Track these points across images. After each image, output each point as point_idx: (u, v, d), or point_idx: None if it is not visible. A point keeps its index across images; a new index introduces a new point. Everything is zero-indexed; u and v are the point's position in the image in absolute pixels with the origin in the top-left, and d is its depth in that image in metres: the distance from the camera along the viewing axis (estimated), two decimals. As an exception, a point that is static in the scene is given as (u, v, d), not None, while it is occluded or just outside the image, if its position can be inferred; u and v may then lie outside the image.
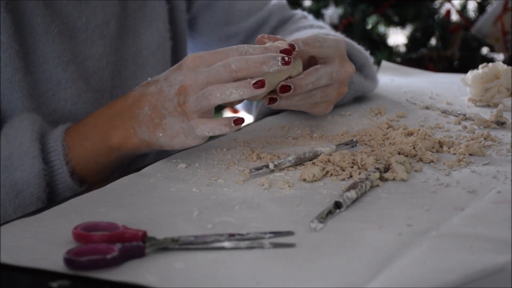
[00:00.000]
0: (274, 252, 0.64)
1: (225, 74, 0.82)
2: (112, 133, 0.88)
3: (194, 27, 1.25)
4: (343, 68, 0.93)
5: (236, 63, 0.82)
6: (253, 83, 0.81)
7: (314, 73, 0.90)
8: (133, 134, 0.87)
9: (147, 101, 0.86)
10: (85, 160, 0.89)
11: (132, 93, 0.88)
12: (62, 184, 0.88)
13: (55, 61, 0.99)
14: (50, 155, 0.88)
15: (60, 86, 1.00)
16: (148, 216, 0.72)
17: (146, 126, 0.86)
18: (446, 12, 2.41)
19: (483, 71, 1.14)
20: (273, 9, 1.24)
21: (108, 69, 1.05)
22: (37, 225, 0.71)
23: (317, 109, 0.95)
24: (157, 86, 0.85)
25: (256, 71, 0.82)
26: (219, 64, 0.82)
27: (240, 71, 0.82)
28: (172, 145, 0.86)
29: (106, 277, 0.60)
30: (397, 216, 0.70)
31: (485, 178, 0.79)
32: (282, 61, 0.82)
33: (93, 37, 1.03)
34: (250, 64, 0.81)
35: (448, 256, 0.62)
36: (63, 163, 0.88)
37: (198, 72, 0.83)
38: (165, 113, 0.84)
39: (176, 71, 0.85)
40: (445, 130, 0.99)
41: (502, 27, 2.09)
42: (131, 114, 0.87)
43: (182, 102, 0.83)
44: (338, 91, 0.95)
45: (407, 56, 2.32)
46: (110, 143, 0.88)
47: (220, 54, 0.84)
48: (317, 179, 0.81)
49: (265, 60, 0.82)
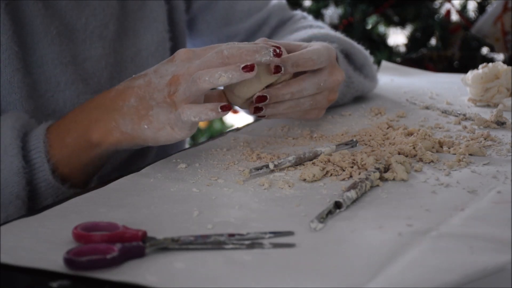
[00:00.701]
0: (274, 252, 0.64)
1: (217, 60, 0.81)
2: (93, 127, 0.86)
3: (193, 27, 1.25)
4: (332, 76, 0.92)
5: (228, 50, 0.81)
6: (243, 66, 0.80)
7: (294, 84, 0.89)
8: (114, 127, 0.85)
9: (133, 94, 0.84)
10: (67, 157, 0.88)
11: (116, 88, 0.87)
12: (43, 182, 0.87)
13: (54, 62, 0.99)
14: (31, 153, 0.87)
15: (59, 88, 0.99)
16: (148, 216, 0.72)
17: (131, 118, 0.84)
18: (446, 12, 2.41)
19: (483, 71, 1.14)
20: (273, 9, 1.24)
21: (107, 70, 1.05)
22: (37, 225, 0.71)
23: (308, 115, 0.94)
24: (145, 79, 0.85)
25: (249, 58, 0.81)
26: (211, 52, 0.82)
27: (232, 57, 0.81)
28: (156, 138, 0.85)
29: (106, 277, 0.60)
30: (397, 216, 0.70)
31: (485, 178, 0.79)
32: (273, 52, 0.82)
33: (92, 38, 1.03)
34: (242, 52, 0.81)
35: (448, 256, 0.62)
36: (44, 161, 0.86)
37: (190, 63, 0.83)
38: (152, 104, 0.83)
39: (168, 63, 0.85)
40: (445, 130, 0.99)
41: (502, 27, 2.09)
42: (114, 106, 0.85)
43: (172, 92, 0.82)
44: (328, 98, 0.94)
45: (407, 56, 2.32)
46: (90, 138, 0.86)
47: (212, 49, 0.84)
48: (317, 179, 0.81)
49: (257, 48, 0.82)
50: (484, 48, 2.37)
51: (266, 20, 1.24)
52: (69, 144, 0.87)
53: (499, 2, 2.11)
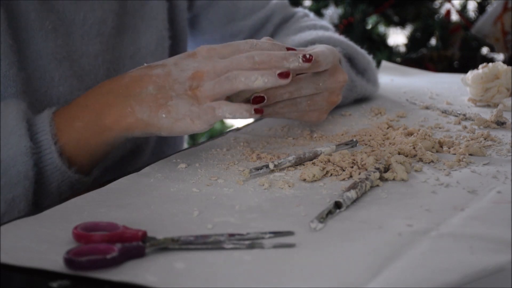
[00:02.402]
0: (274, 252, 0.64)
1: (247, 64, 0.82)
2: (106, 111, 0.85)
3: (196, 25, 1.25)
4: (333, 77, 0.92)
5: (259, 55, 0.82)
6: (279, 72, 0.82)
7: (293, 84, 0.89)
8: (129, 112, 0.84)
9: (152, 82, 0.84)
10: (75, 141, 0.87)
11: (129, 74, 0.86)
12: (50, 165, 0.86)
13: (48, 58, 0.97)
14: (38, 135, 0.85)
15: (52, 84, 0.98)
16: (148, 216, 0.72)
17: (148, 106, 0.84)
18: (446, 12, 2.41)
19: (483, 71, 1.14)
20: (275, 7, 1.25)
21: (103, 67, 1.05)
22: (37, 225, 0.71)
23: (307, 117, 0.94)
24: (164, 69, 0.84)
25: (278, 65, 0.82)
26: (240, 55, 0.83)
27: (263, 64, 0.82)
28: (172, 128, 0.84)
29: (106, 277, 0.60)
30: (397, 216, 0.70)
31: (485, 178, 0.79)
32: (303, 58, 0.83)
33: (90, 34, 1.03)
34: (272, 58, 0.83)
35: (448, 256, 0.62)
36: (51, 143, 0.85)
37: (215, 61, 0.83)
38: (172, 95, 0.83)
39: (189, 58, 0.84)
40: (445, 130, 0.99)
41: (502, 27, 2.09)
42: (129, 92, 0.85)
43: (194, 87, 0.83)
44: (327, 100, 0.93)
45: (407, 56, 2.32)
46: (102, 122, 0.86)
47: (231, 47, 0.85)
48: (317, 179, 0.81)
49: (286, 56, 0.83)
50: (484, 48, 2.37)
51: (269, 18, 1.24)
52: (78, 129, 0.86)
53: (499, 2, 2.11)
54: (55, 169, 0.86)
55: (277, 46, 0.86)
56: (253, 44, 0.85)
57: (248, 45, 0.85)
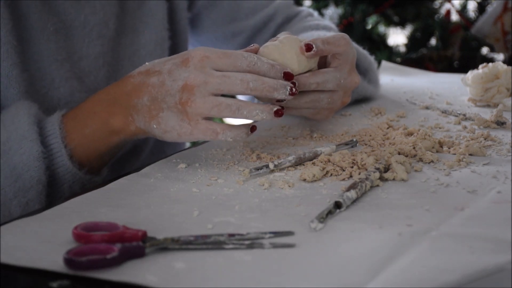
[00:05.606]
0: (274, 252, 0.64)
1: (241, 88, 0.83)
2: (112, 121, 0.88)
3: (198, 24, 1.24)
4: (350, 76, 0.93)
5: (254, 82, 0.83)
6: (275, 110, 0.84)
7: (320, 75, 0.90)
8: (131, 121, 0.87)
9: (147, 92, 0.85)
10: (85, 146, 0.89)
11: (131, 80, 0.87)
12: (61, 167, 0.88)
13: (49, 59, 0.98)
14: (48, 138, 0.88)
15: (53, 85, 0.99)
16: (148, 216, 0.72)
17: (143, 116, 0.85)
18: (446, 12, 2.41)
19: (483, 71, 1.14)
20: (278, 6, 1.24)
21: (104, 69, 1.05)
22: (37, 225, 0.71)
23: (319, 115, 0.95)
24: (159, 78, 0.85)
25: (268, 95, 0.84)
26: (236, 75, 0.83)
27: (255, 91, 0.83)
28: (163, 138, 0.86)
29: (106, 277, 0.60)
30: (397, 216, 0.70)
31: (485, 178, 0.79)
32: (290, 91, 0.84)
33: (91, 36, 1.03)
34: (264, 87, 0.83)
35: (448, 256, 0.62)
36: (62, 146, 0.88)
37: (207, 74, 0.82)
38: (163, 107, 0.84)
39: (181, 66, 0.84)
40: (445, 130, 0.99)
41: (502, 27, 2.09)
42: (130, 102, 0.86)
43: (184, 100, 0.83)
44: (342, 100, 0.95)
45: (407, 56, 2.32)
46: (110, 129, 0.88)
47: (228, 59, 0.83)
48: (317, 179, 0.81)
49: (277, 87, 0.84)
50: (484, 48, 2.36)
51: (272, 17, 1.23)
52: (87, 135, 0.89)
53: (499, 2, 2.11)
54: (66, 171, 0.88)
55: (274, 70, 0.85)
56: (251, 63, 0.84)
57: (245, 63, 0.84)
